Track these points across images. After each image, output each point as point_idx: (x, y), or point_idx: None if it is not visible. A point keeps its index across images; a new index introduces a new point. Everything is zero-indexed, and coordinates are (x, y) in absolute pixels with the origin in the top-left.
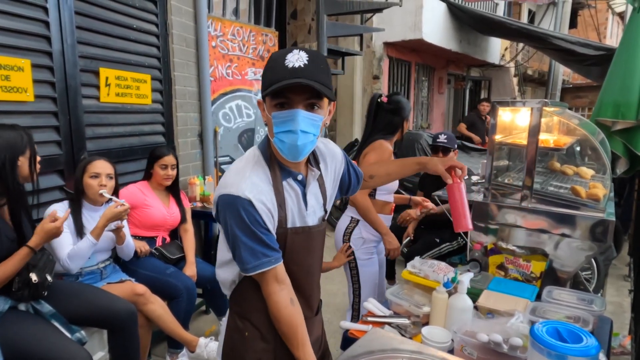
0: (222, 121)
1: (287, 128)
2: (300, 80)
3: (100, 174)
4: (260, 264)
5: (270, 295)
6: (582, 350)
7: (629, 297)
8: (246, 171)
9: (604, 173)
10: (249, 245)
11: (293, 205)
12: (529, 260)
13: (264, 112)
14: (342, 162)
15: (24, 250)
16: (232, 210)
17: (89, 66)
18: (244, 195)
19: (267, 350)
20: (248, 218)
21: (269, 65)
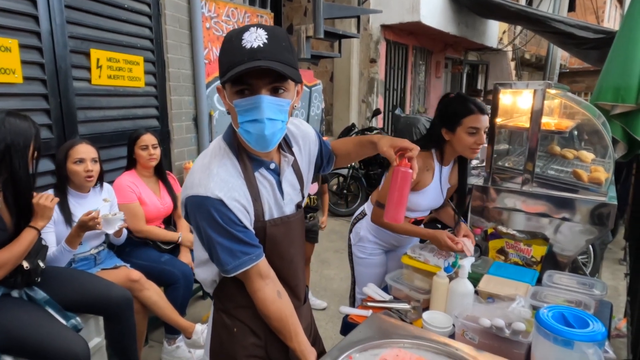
0: (218, 105)
1: (251, 117)
2: (259, 64)
3: (85, 159)
4: (240, 264)
5: (256, 293)
6: (589, 335)
7: (625, 280)
8: (213, 167)
9: (603, 156)
10: (226, 245)
11: (269, 197)
12: (529, 244)
13: (225, 100)
14: (316, 142)
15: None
16: (202, 212)
17: (79, 47)
18: (214, 194)
19: (258, 345)
20: (221, 218)
21: (225, 47)
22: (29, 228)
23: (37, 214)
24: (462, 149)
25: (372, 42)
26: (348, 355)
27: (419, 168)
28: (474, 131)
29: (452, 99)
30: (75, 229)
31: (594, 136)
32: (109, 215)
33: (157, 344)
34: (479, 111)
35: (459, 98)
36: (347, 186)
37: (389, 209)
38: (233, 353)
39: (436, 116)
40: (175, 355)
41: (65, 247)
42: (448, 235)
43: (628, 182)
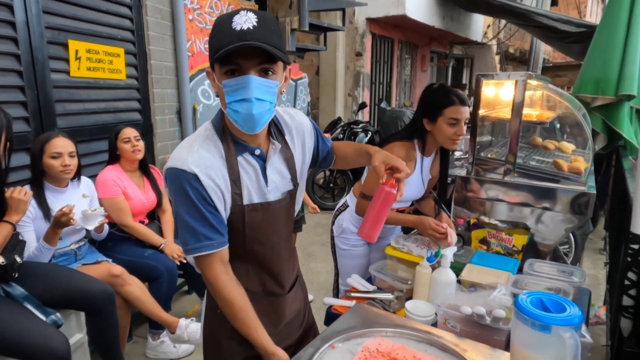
0: (201, 98)
1: (240, 97)
2: (249, 43)
3: (62, 153)
4: (201, 247)
5: (218, 278)
6: (566, 319)
7: (605, 269)
8: (194, 145)
9: (584, 147)
10: (191, 225)
11: (250, 182)
12: (511, 234)
13: (214, 82)
14: (312, 134)
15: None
16: (176, 185)
17: (56, 38)
18: (189, 169)
19: None
20: (193, 194)
21: (215, 30)
22: (2, 222)
23: (10, 208)
24: (442, 139)
25: (357, 35)
26: (331, 344)
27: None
28: (455, 122)
29: (434, 90)
30: (51, 225)
31: (575, 128)
32: (88, 211)
33: (142, 340)
34: (460, 102)
35: (441, 89)
36: (334, 179)
37: (365, 226)
38: (217, 333)
39: (419, 106)
40: (159, 350)
41: (44, 245)
42: (433, 220)
43: (608, 173)
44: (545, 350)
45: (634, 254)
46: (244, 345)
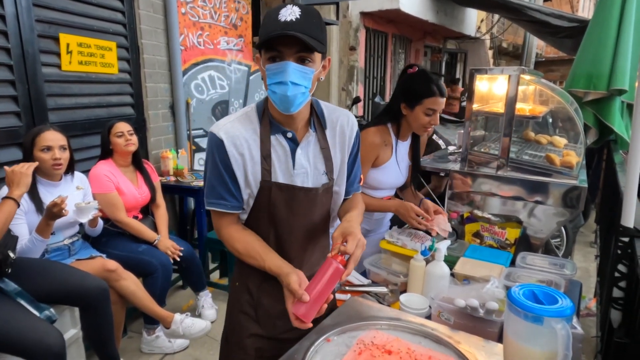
0: (195, 92)
1: (278, 79)
2: (288, 32)
3: (53, 146)
4: (216, 203)
5: (225, 229)
6: (558, 311)
7: (595, 262)
8: (233, 116)
9: (576, 142)
10: (212, 182)
11: (278, 161)
12: (503, 227)
13: (261, 67)
14: (352, 141)
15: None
16: (209, 146)
17: (47, 31)
18: (219, 134)
19: (250, 303)
20: (218, 157)
21: (265, 20)
22: (5, 199)
23: (12, 183)
24: (416, 126)
25: (351, 29)
26: (326, 337)
27: (377, 144)
28: (431, 112)
29: (415, 76)
30: (44, 217)
31: (567, 122)
32: (82, 204)
33: (136, 335)
34: (439, 94)
35: (422, 76)
36: None
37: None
38: (232, 305)
39: (398, 90)
40: (154, 345)
41: (37, 237)
42: (415, 210)
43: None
44: (538, 342)
45: (624, 246)
46: (252, 320)
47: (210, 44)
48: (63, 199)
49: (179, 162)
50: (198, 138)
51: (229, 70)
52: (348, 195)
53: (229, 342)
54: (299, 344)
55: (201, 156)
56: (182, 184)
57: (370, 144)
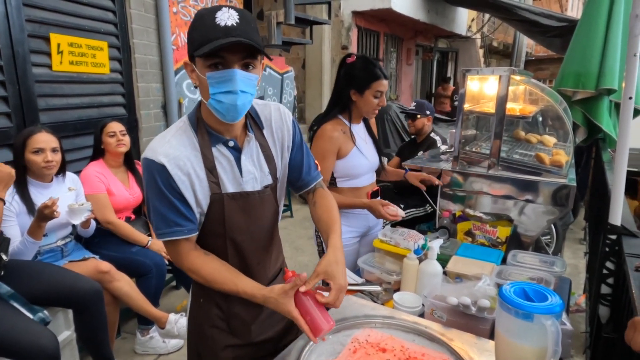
0: (187, 92)
1: (225, 89)
2: (239, 39)
3: (44, 148)
4: (171, 232)
5: (187, 257)
6: (548, 308)
7: (584, 259)
8: (167, 136)
9: (565, 140)
10: (161, 211)
11: (224, 172)
12: (495, 226)
13: (194, 74)
14: (291, 135)
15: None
16: (147, 173)
17: (37, 31)
18: (158, 159)
19: (221, 317)
20: (162, 183)
21: (197, 23)
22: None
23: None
24: (367, 110)
25: (343, 28)
26: (321, 337)
27: (337, 136)
28: (379, 95)
29: (357, 63)
30: (35, 219)
31: (556, 121)
32: (75, 205)
33: (130, 336)
34: (383, 77)
35: (365, 61)
36: None
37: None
38: (201, 322)
39: (344, 78)
40: (149, 345)
41: (28, 238)
42: (382, 203)
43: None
44: (528, 338)
45: (611, 243)
46: (225, 333)
47: None
48: (54, 201)
49: None
50: None
51: None
52: (309, 185)
53: (203, 359)
54: (293, 343)
55: None
56: None
57: (330, 138)
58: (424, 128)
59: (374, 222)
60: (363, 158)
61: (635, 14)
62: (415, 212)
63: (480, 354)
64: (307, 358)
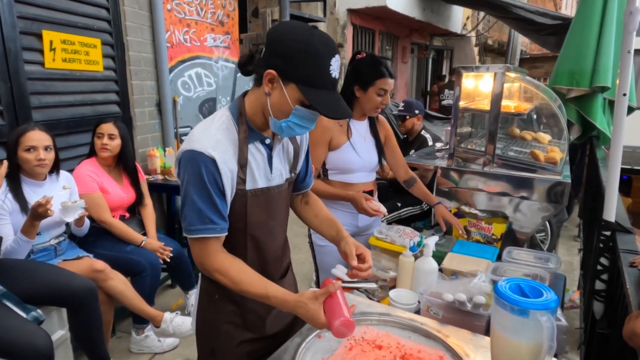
0: (182, 90)
1: (304, 124)
2: (340, 101)
3: (37, 146)
4: (204, 229)
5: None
6: (543, 304)
7: (579, 255)
8: (212, 129)
9: (559, 138)
10: (198, 206)
11: (257, 168)
12: (490, 222)
13: (275, 85)
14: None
15: None
16: (193, 166)
17: (30, 28)
18: (208, 152)
19: (236, 312)
20: (207, 177)
21: (313, 59)
22: None
23: None
24: (369, 107)
25: (338, 26)
26: (317, 334)
27: (330, 127)
28: (383, 93)
29: (365, 60)
30: (29, 218)
31: (551, 119)
32: (68, 203)
33: (125, 335)
34: (389, 75)
35: (372, 59)
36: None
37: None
38: (213, 318)
39: (350, 74)
40: (144, 345)
41: (22, 237)
42: (366, 197)
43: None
44: (524, 334)
45: (605, 240)
46: (240, 328)
47: (197, 41)
48: (48, 199)
49: (166, 160)
50: (185, 136)
51: (216, 67)
52: (305, 189)
53: (217, 355)
54: (289, 340)
55: None
56: (170, 182)
57: (323, 128)
58: (414, 127)
59: (363, 223)
60: (355, 155)
61: (630, 10)
62: (411, 211)
63: (475, 350)
64: (304, 355)
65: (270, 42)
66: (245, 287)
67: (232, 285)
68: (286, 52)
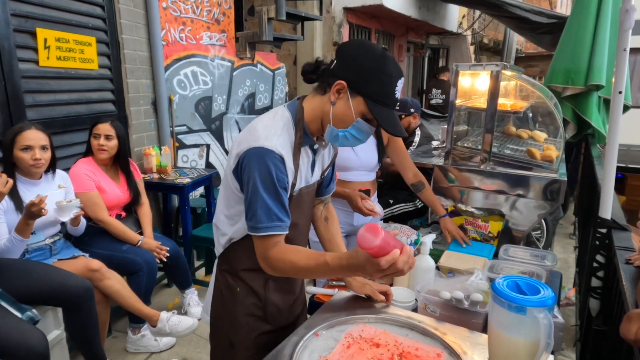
0: (177, 88)
1: (360, 137)
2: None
3: (33, 146)
4: (272, 227)
5: (278, 252)
6: (540, 301)
7: (574, 253)
8: (277, 127)
9: (555, 136)
10: (268, 204)
11: (304, 171)
12: (487, 220)
13: (342, 96)
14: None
15: None
16: (261, 164)
17: (23, 26)
18: (277, 150)
19: (258, 305)
20: (276, 174)
21: (384, 77)
22: None
23: None
24: None
25: (335, 25)
26: (315, 332)
27: None
28: None
29: None
30: (23, 217)
31: (547, 117)
32: (63, 202)
33: (122, 334)
34: None
35: None
36: None
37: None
38: (233, 311)
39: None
40: (140, 344)
41: (16, 236)
42: (362, 196)
43: (577, 161)
44: (521, 331)
45: (601, 237)
46: (260, 320)
47: (193, 39)
48: (42, 199)
49: (162, 159)
50: (181, 135)
51: (212, 66)
52: (327, 194)
53: (236, 347)
54: (286, 339)
55: (185, 153)
56: (166, 181)
57: None
58: (411, 126)
59: (359, 222)
60: (352, 153)
61: (626, 8)
62: (405, 207)
63: (473, 348)
64: (301, 353)
65: (343, 56)
66: (305, 262)
67: (292, 266)
68: (360, 67)
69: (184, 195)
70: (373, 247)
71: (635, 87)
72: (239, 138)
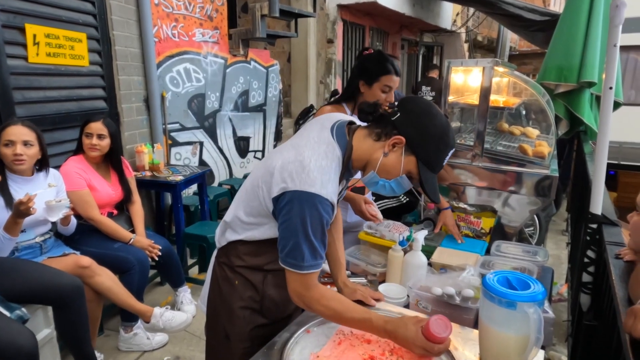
0: (170, 86)
1: (398, 190)
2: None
3: (15, 141)
4: (316, 265)
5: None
6: (530, 296)
7: (567, 249)
8: (331, 172)
9: (547, 133)
10: (315, 245)
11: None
12: (479, 217)
13: (397, 155)
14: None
15: None
16: (311, 209)
17: (12, 21)
18: (329, 197)
19: (255, 299)
20: (325, 219)
21: (443, 147)
22: None
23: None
24: None
25: (328, 22)
26: (306, 329)
27: None
28: (387, 89)
29: (371, 56)
30: (11, 215)
31: (539, 114)
32: (52, 202)
33: (114, 333)
34: (394, 72)
35: (378, 55)
36: None
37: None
38: (230, 303)
39: (356, 69)
40: (132, 342)
41: (4, 234)
42: (366, 200)
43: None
44: (511, 326)
45: (592, 233)
46: (256, 313)
47: (185, 36)
48: (30, 197)
49: (154, 156)
50: (174, 132)
51: (204, 62)
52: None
53: (231, 339)
54: (278, 335)
55: (177, 150)
56: (158, 179)
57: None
58: None
59: (352, 219)
60: None
61: (616, 4)
62: (388, 203)
63: (464, 343)
64: (292, 349)
65: (410, 112)
66: (349, 315)
67: (333, 314)
68: (423, 129)
69: (176, 193)
70: (437, 337)
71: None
72: (289, 168)
